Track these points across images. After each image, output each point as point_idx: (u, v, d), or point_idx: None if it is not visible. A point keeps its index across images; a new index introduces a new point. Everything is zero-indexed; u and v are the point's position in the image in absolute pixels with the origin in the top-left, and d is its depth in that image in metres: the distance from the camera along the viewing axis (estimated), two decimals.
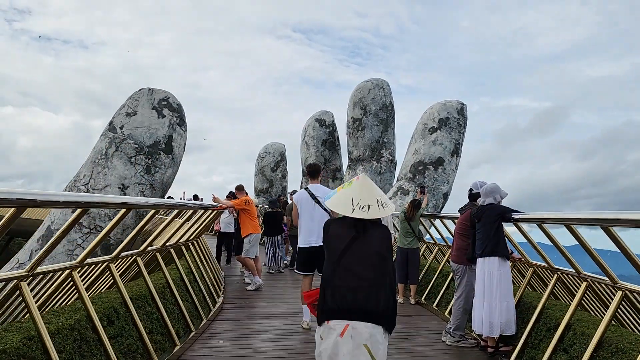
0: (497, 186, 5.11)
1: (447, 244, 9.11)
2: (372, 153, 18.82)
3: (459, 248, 5.58)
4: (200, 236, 9.88)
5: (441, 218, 9.06)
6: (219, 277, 9.92)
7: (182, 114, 12.64)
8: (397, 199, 15.20)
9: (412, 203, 8.55)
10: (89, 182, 11.39)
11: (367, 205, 2.99)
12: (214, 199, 8.55)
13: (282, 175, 25.91)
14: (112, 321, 4.50)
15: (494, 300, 4.83)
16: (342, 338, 2.79)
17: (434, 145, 15.28)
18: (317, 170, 6.56)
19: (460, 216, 5.76)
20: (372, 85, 18.98)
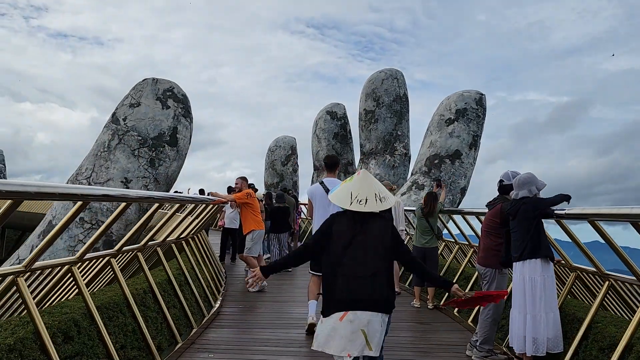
0: (532, 176, 4.39)
1: (468, 243, 8.51)
2: (385, 146, 18.31)
3: (486, 248, 4.88)
4: (200, 232, 9.43)
5: (463, 214, 8.28)
6: (219, 277, 9.33)
7: (188, 105, 12.27)
8: (412, 193, 14.71)
9: (430, 196, 7.84)
10: (90, 176, 11.09)
11: (364, 199, 3.17)
12: (211, 195, 8.20)
13: (292, 169, 25.51)
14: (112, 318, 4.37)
15: (538, 311, 4.11)
16: (341, 322, 2.99)
17: (451, 138, 14.73)
18: (335, 163, 6.06)
19: (488, 212, 5.02)
20: (386, 75, 18.44)
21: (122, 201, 4.26)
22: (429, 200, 7.72)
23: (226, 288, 8.90)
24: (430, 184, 14.58)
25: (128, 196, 4.42)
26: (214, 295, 7.61)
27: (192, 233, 8.15)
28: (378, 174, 17.88)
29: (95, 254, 4.90)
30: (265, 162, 25.96)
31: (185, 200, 6.13)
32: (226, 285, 9.15)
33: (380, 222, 3.23)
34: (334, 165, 6.02)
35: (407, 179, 17.86)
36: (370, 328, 2.96)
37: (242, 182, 8.72)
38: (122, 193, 4.35)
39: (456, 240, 9.36)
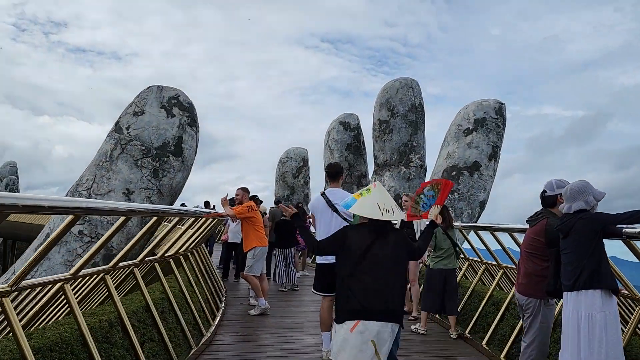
0: (587, 184, 3.56)
1: (497, 263, 7.59)
2: (400, 158, 17.76)
3: (528, 274, 4.06)
4: (199, 246, 8.88)
5: (493, 230, 6.76)
6: (218, 297, 8.64)
7: (194, 114, 11.91)
8: None
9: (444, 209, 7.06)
10: (91, 187, 10.73)
11: (391, 208, 3.36)
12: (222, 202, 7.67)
13: (304, 181, 25.05)
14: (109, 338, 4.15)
15: (597, 356, 3.26)
16: (351, 333, 3.17)
17: (469, 149, 14.16)
18: (338, 172, 5.52)
19: (529, 229, 4.16)
20: (401, 84, 17.95)
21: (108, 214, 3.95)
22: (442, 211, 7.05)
23: (226, 309, 8.22)
24: (448, 196, 14.01)
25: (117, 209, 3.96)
26: (207, 321, 6.82)
27: (190, 248, 7.64)
28: (392, 186, 17.32)
29: (89, 270, 4.60)
30: (275, 174, 25.55)
31: (178, 214, 5.60)
32: (225, 307, 8.44)
33: (395, 234, 3.41)
34: (336, 175, 5.50)
35: None
36: (379, 338, 3.14)
37: (243, 194, 8.03)
38: (108, 206, 3.88)
39: (482, 259, 8.38)
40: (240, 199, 8.00)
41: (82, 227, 10.31)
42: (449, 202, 13.92)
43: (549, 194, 4.12)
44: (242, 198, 8.00)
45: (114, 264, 4.77)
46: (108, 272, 4.68)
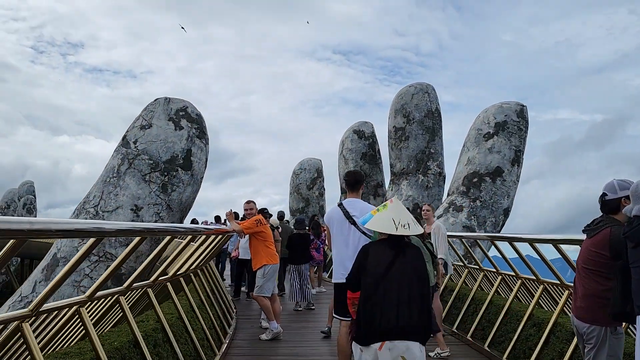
0: None
1: (515, 274, 7.03)
2: (418, 165, 17.28)
3: (588, 295, 3.38)
4: (205, 264, 8.46)
5: (512, 240, 6.14)
6: (226, 320, 8.10)
7: (203, 125, 11.61)
8: (449, 216, 13.60)
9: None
10: (98, 204, 10.45)
11: (407, 223, 3.39)
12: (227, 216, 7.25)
13: (319, 193, 24.67)
14: None
15: None
16: (380, 351, 3.17)
17: (491, 154, 13.63)
18: (357, 180, 5.05)
19: (587, 241, 3.45)
20: (416, 90, 17.54)
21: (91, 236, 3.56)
22: None
23: (235, 333, 7.72)
24: (470, 204, 13.45)
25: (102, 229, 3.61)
26: (211, 348, 6.34)
27: (196, 267, 7.26)
28: (410, 196, 16.83)
29: (104, 292, 4.61)
30: (290, 186, 25.22)
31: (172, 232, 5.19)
32: (235, 330, 7.92)
33: (414, 250, 3.46)
34: (355, 184, 5.03)
35: (442, 200, 16.75)
36: (409, 355, 3.15)
37: (253, 207, 7.56)
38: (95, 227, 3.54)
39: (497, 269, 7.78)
40: (250, 213, 7.50)
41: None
42: (471, 211, 13.39)
43: (610, 197, 3.44)
44: (251, 212, 7.50)
45: (128, 285, 4.79)
46: (122, 293, 4.70)
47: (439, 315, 7.31)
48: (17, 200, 31.09)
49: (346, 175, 5.14)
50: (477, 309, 7.48)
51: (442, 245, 7.22)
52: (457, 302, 8.31)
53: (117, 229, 4.06)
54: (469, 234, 11.57)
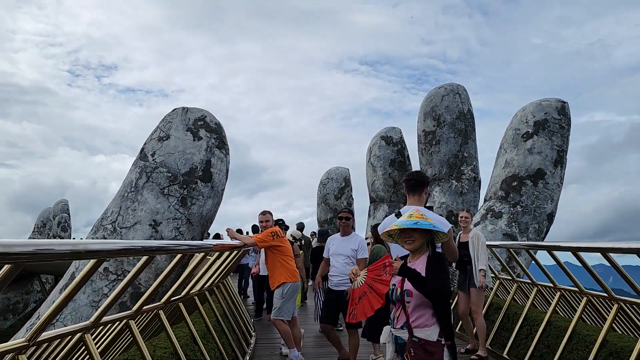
0: None
1: (554, 285, 6.31)
2: (450, 171, 16.51)
3: None
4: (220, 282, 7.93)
5: (552, 249, 5.30)
6: (245, 339, 7.54)
7: (222, 135, 11.22)
8: (487, 223, 12.79)
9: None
10: (116, 220, 10.12)
11: None
12: (227, 232, 6.75)
13: (347, 203, 24.04)
14: None
15: None
16: None
17: (531, 155, 12.79)
18: (420, 182, 4.14)
19: None
20: (446, 91, 16.82)
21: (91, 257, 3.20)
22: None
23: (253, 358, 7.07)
24: (510, 210, 12.62)
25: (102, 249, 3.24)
26: None
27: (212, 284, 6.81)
28: (444, 203, 16.06)
29: (111, 317, 4.39)
30: (317, 196, 24.68)
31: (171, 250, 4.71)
32: (253, 355, 7.31)
33: None
34: (417, 186, 4.10)
35: (478, 206, 15.93)
36: None
37: (270, 219, 6.92)
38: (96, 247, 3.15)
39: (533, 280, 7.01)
40: (266, 225, 6.77)
41: (108, 263, 9.68)
42: (511, 217, 12.56)
43: None
44: (267, 224, 6.78)
45: (138, 308, 4.59)
46: (132, 317, 4.48)
47: (483, 335, 6.60)
48: (52, 219, 31.67)
49: (408, 175, 4.31)
50: (512, 325, 6.75)
51: (483, 256, 6.58)
52: (492, 315, 7.58)
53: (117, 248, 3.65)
54: (505, 243, 10.77)
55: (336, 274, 6.27)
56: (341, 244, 6.36)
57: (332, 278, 6.33)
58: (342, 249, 6.30)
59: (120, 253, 3.69)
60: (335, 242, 6.45)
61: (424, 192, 4.12)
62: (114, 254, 3.39)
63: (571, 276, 5.80)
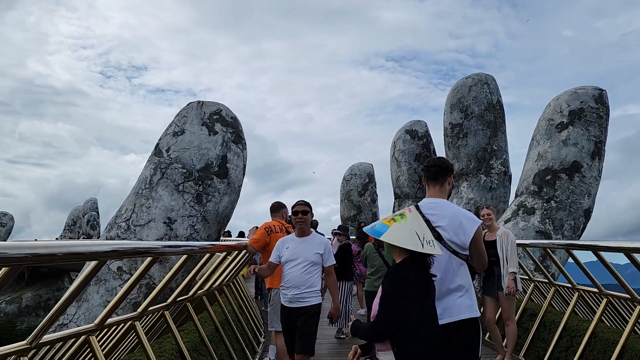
0: None
1: (599, 290, 5.64)
2: (479, 164, 15.88)
3: None
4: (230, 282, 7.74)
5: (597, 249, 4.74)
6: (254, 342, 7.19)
7: (239, 129, 10.92)
8: (519, 220, 12.17)
9: None
10: (130, 218, 9.93)
11: (431, 239, 2.84)
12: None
13: (371, 199, 23.58)
14: None
15: None
16: None
17: (566, 146, 12.11)
18: (442, 169, 3.48)
19: None
20: (474, 81, 16.19)
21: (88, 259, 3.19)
22: None
23: None
24: (543, 206, 11.98)
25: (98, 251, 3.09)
26: None
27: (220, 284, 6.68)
28: (472, 198, 15.46)
29: (116, 319, 4.44)
30: (340, 193, 24.29)
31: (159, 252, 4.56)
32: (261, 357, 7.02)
33: None
34: (438, 174, 3.45)
35: (508, 202, 15.27)
36: None
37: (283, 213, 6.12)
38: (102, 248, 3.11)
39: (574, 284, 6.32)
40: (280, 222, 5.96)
41: (121, 263, 9.50)
42: (545, 213, 11.92)
43: None
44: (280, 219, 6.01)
45: (143, 309, 4.64)
46: (138, 318, 4.54)
47: (512, 343, 6.09)
48: (82, 217, 32.30)
49: (427, 163, 3.61)
50: (550, 334, 6.18)
51: (513, 256, 6.04)
52: (526, 322, 7.02)
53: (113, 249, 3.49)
54: (541, 242, 10.18)
55: (292, 286, 4.81)
56: (299, 246, 4.89)
57: (286, 292, 4.87)
58: (301, 253, 4.85)
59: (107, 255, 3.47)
60: (291, 244, 4.95)
61: (446, 182, 3.48)
62: (101, 256, 3.11)
63: (622, 282, 4.92)
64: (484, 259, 3.32)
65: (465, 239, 3.22)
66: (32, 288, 26.66)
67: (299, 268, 4.81)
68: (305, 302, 4.79)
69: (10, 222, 28.35)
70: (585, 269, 5.40)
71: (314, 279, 4.84)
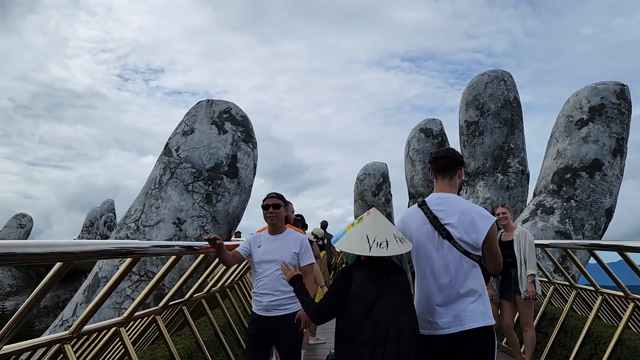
0: None
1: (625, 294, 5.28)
2: (496, 163, 15.55)
3: None
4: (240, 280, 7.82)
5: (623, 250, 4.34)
6: None
7: (249, 128, 10.80)
8: (537, 219, 11.86)
9: None
10: (139, 218, 9.86)
11: (384, 241, 2.81)
12: None
13: (385, 199, 23.28)
14: None
15: None
16: None
17: (586, 144, 11.77)
18: (452, 161, 3.15)
19: None
20: (489, 78, 15.86)
21: None
22: None
23: None
24: (563, 205, 11.66)
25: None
26: None
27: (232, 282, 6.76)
28: (488, 198, 15.14)
29: (141, 312, 4.80)
30: (354, 193, 24.05)
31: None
32: None
33: (402, 274, 2.92)
34: (447, 166, 3.14)
35: (526, 202, 14.93)
36: None
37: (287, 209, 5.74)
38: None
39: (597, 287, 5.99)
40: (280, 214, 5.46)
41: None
42: (564, 213, 11.60)
43: None
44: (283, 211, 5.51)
45: (165, 304, 5.00)
46: (159, 312, 4.94)
47: (530, 349, 5.81)
48: (99, 218, 32.64)
49: (435, 154, 3.25)
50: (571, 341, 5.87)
51: (532, 258, 5.74)
52: (545, 327, 6.72)
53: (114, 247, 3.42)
54: (561, 242, 9.88)
55: (267, 293, 4.15)
56: (273, 245, 4.27)
57: (259, 299, 4.19)
58: (275, 253, 4.21)
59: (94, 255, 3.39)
60: (264, 243, 4.31)
61: (457, 175, 3.16)
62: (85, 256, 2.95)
63: None
64: (499, 260, 3.05)
65: (478, 237, 2.92)
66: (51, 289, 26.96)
67: (272, 270, 4.15)
68: (285, 310, 4.12)
69: (29, 224, 28.64)
70: (610, 271, 5.07)
71: None
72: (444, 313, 2.91)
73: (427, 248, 3.01)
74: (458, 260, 2.93)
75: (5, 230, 27.83)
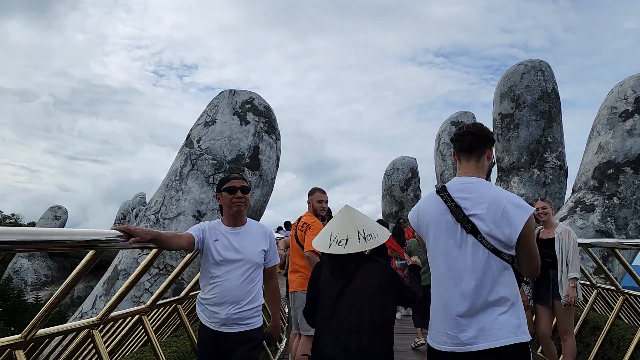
0: None
1: None
2: (532, 158, 14.88)
3: None
4: None
5: None
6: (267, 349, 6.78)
7: (272, 119, 10.54)
8: (577, 217, 11.23)
9: None
10: (159, 211, 9.74)
11: (344, 238, 2.83)
12: None
13: (414, 195, 22.80)
14: None
15: None
16: None
17: (631, 137, 11.06)
18: (480, 139, 2.54)
19: None
20: (526, 68, 15.17)
21: None
22: None
23: None
24: (604, 203, 11.00)
25: None
26: None
27: None
28: (523, 194, 14.51)
29: (163, 301, 5.02)
30: (382, 188, 23.63)
31: None
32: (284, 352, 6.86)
33: (375, 266, 2.88)
34: (476, 145, 2.52)
35: (564, 199, 14.25)
36: None
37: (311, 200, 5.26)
38: None
39: None
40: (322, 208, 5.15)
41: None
42: (606, 211, 10.94)
43: None
44: None
45: (186, 294, 5.34)
46: (180, 301, 5.21)
47: (571, 357, 5.31)
48: (130, 211, 33.27)
49: (459, 130, 2.62)
50: (618, 353, 5.35)
51: (575, 259, 5.16)
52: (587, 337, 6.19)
53: None
54: (606, 241, 9.28)
55: (227, 302, 3.17)
56: (235, 240, 3.27)
57: (216, 310, 3.18)
58: (240, 251, 3.24)
59: None
60: (222, 238, 3.29)
61: (485, 156, 2.54)
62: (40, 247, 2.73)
63: None
64: (536, 263, 2.46)
65: (511, 232, 2.32)
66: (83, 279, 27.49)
67: (238, 274, 3.18)
68: (246, 326, 3.19)
69: (64, 215, 29.29)
70: None
71: (256, 289, 3.27)
72: (466, 325, 2.33)
73: (447, 245, 2.43)
74: (486, 260, 2.36)
75: (41, 222, 28.55)
